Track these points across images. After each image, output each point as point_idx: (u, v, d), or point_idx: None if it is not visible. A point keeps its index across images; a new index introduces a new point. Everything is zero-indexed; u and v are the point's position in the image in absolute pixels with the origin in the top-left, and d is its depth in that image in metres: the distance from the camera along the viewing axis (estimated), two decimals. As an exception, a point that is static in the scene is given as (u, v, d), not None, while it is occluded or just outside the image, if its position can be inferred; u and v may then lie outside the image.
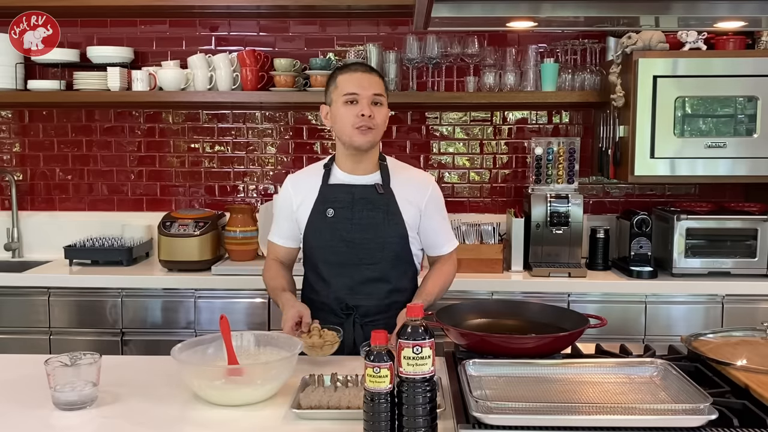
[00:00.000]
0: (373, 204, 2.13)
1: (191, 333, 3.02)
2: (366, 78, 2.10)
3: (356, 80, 2.09)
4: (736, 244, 3.10)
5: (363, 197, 2.13)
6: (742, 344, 1.77)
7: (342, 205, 2.13)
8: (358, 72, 2.11)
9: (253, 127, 3.60)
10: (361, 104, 2.07)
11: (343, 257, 2.14)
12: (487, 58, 3.29)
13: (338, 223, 2.13)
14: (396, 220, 2.13)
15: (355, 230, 2.12)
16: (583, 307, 2.91)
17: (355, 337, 2.12)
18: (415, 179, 2.23)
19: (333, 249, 2.14)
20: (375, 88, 2.09)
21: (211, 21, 3.55)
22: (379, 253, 2.14)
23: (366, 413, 1.38)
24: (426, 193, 2.20)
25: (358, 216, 2.12)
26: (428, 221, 2.20)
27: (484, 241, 3.19)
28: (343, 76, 2.11)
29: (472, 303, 2.29)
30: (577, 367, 1.65)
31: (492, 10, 1.84)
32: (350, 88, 2.08)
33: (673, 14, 2.03)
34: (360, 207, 2.12)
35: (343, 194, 2.14)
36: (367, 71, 2.13)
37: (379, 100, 2.10)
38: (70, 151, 3.64)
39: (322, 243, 2.15)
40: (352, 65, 2.17)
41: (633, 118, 3.00)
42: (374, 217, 2.12)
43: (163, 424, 1.56)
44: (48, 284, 3.08)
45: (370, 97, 2.08)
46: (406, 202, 2.16)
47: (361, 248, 2.13)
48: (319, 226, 2.15)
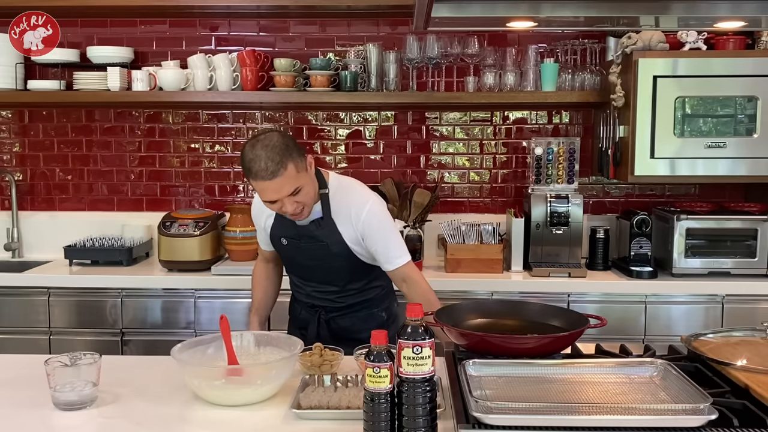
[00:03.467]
0: (315, 238, 2.19)
1: (191, 333, 3.02)
2: (274, 185, 1.99)
3: (267, 190, 2.01)
4: (736, 244, 3.10)
5: (305, 234, 2.19)
6: (742, 344, 1.76)
7: (291, 236, 2.22)
8: (265, 181, 1.98)
9: (253, 127, 3.60)
10: (282, 204, 2.04)
11: (303, 274, 2.31)
12: (487, 58, 3.29)
13: (291, 251, 2.26)
14: (339, 247, 2.19)
15: (306, 259, 2.24)
16: (583, 307, 2.91)
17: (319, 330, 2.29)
18: (350, 208, 2.16)
19: (293, 268, 2.34)
20: (289, 189, 2.00)
21: (211, 21, 3.55)
22: (334, 274, 2.25)
23: (366, 413, 1.38)
24: (359, 224, 2.15)
25: (305, 247, 2.21)
26: (371, 243, 2.17)
27: (484, 241, 3.19)
28: (256, 185, 2.02)
29: (472, 303, 2.28)
30: (577, 367, 1.65)
31: (492, 10, 1.84)
32: (266, 197, 2.04)
33: (673, 14, 2.03)
34: (305, 241, 2.20)
35: (289, 228, 2.21)
36: (270, 177, 1.97)
37: (296, 191, 2.02)
38: (70, 151, 3.64)
39: (285, 261, 2.37)
40: (254, 166, 1.98)
41: (633, 118, 3.00)
42: (321, 248, 2.19)
43: (163, 424, 1.56)
44: (48, 284, 3.08)
45: (285, 198, 2.02)
46: (346, 227, 2.17)
47: (316, 271, 2.26)
48: (280, 249, 2.30)
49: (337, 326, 2.30)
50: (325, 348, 1.89)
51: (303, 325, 2.34)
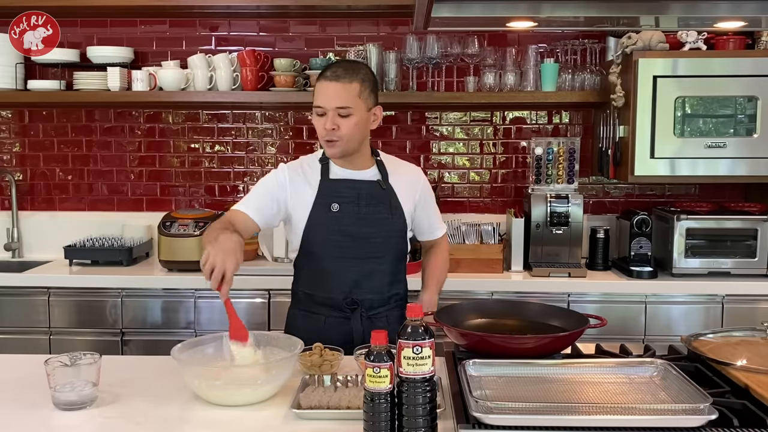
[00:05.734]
0: (378, 199, 2.15)
1: (191, 333, 3.02)
2: (332, 89, 2.03)
3: (323, 91, 2.05)
4: (736, 244, 3.10)
5: (368, 192, 2.14)
6: (742, 344, 1.77)
7: (347, 200, 2.12)
8: (327, 81, 2.05)
9: (253, 127, 3.60)
10: (326, 117, 2.05)
11: (349, 252, 2.13)
12: (487, 58, 3.29)
13: (343, 218, 2.12)
14: (399, 213, 2.17)
15: (361, 225, 2.12)
16: (583, 307, 2.91)
17: (364, 330, 2.10)
18: (409, 173, 2.28)
19: (338, 244, 2.12)
20: (340, 101, 2.03)
21: (211, 21, 3.55)
22: (384, 247, 2.16)
23: (366, 413, 1.38)
24: (419, 186, 2.26)
25: (364, 211, 2.13)
26: (423, 211, 2.28)
27: (484, 241, 3.19)
28: (318, 84, 2.08)
29: (472, 303, 2.28)
30: (577, 367, 1.65)
31: (492, 10, 1.84)
32: (318, 101, 2.06)
33: (673, 14, 2.03)
34: (365, 202, 2.13)
35: (347, 189, 2.14)
36: (335, 79, 2.04)
37: (344, 112, 2.04)
38: (70, 151, 3.64)
39: (327, 238, 2.12)
40: (329, 70, 2.08)
41: (633, 118, 3.00)
42: (380, 212, 2.14)
43: (163, 424, 1.56)
44: (48, 284, 3.07)
45: (334, 110, 2.03)
46: (405, 196, 2.20)
47: (366, 243, 2.13)
48: (323, 222, 2.12)
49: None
50: (325, 348, 1.89)
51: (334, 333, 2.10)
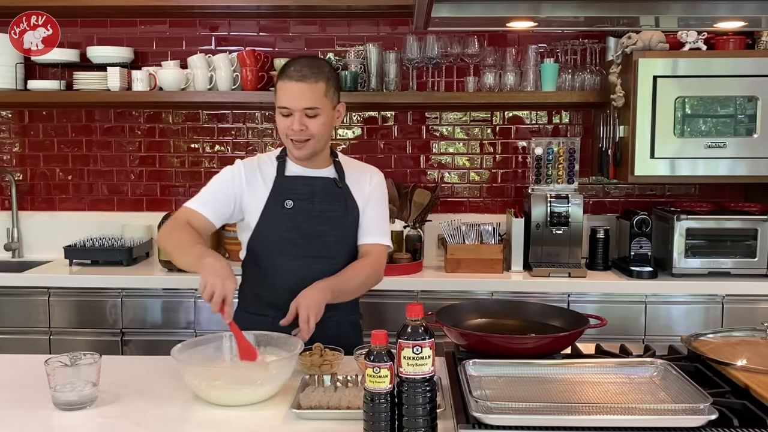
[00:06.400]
0: (333, 197, 2.09)
1: (191, 333, 3.02)
2: (298, 89, 1.96)
3: (289, 91, 1.98)
4: (736, 244, 3.10)
5: (323, 189, 2.09)
6: (742, 344, 1.76)
7: (301, 197, 2.07)
8: (292, 81, 1.97)
9: (253, 127, 3.60)
10: (293, 118, 1.99)
11: (301, 250, 2.07)
12: (487, 58, 3.29)
13: (297, 216, 2.06)
14: (354, 213, 2.12)
15: (315, 223, 2.07)
16: (583, 307, 2.91)
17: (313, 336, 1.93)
18: (365, 173, 2.19)
19: (290, 241, 2.07)
20: (307, 101, 1.97)
21: (211, 21, 3.55)
22: (337, 247, 2.10)
23: (366, 413, 1.38)
24: (373, 184, 2.16)
25: (319, 209, 2.07)
26: (365, 210, 2.14)
27: (484, 241, 3.19)
28: (282, 84, 2.00)
29: (472, 303, 2.28)
30: (577, 367, 1.65)
31: (492, 10, 1.84)
32: (283, 101, 1.99)
33: (673, 14, 2.03)
34: (320, 199, 2.08)
35: (302, 186, 2.08)
36: (301, 80, 1.96)
37: (312, 113, 1.98)
38: (70, 151, 3.64)
39: (279, 235, 2.07)
40: (291, 68, 2.00)
41: (633, 118, 3.00)
42: (335, 210, 2.09)
43: (163, 424, 1.56)
44: (48, 284, 3.08)
45: (302, 111, 1.98)
46: (360, 196, 2.14)
47: (318, 242, 2.07)
48: (276, 218, 2.07)
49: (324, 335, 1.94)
50: (325, 348, 1.89)
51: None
